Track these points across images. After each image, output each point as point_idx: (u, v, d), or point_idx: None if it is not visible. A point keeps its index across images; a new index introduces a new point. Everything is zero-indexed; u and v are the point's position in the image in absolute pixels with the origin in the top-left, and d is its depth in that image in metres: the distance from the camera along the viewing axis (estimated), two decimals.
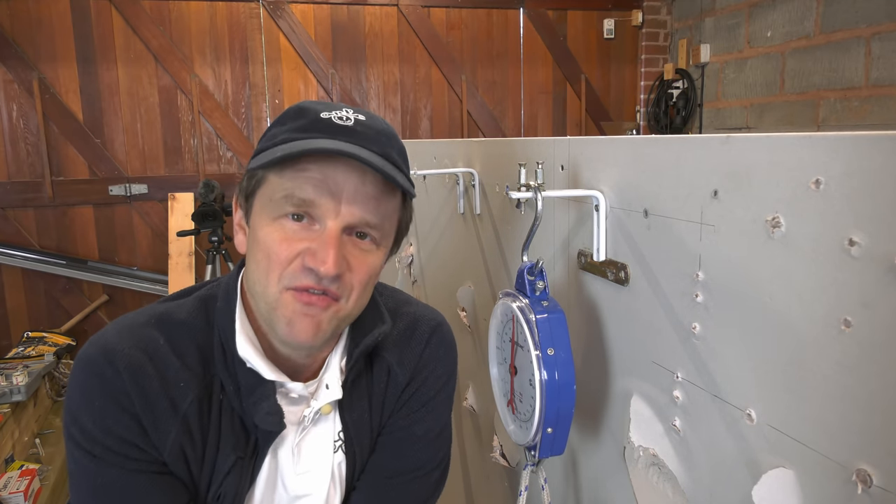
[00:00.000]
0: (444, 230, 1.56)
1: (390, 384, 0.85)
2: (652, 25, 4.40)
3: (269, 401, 0.75)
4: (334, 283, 0.71)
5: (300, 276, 0.70)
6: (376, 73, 4.05)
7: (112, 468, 0.71)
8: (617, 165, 0.80)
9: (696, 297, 0.68)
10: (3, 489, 2.10)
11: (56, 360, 3.00)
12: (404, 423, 0.86)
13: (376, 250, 0.75)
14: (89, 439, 0.71)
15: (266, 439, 0.77)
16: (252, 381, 0.75)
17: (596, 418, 0.91)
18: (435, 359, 0.88)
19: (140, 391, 0.71)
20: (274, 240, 0.70)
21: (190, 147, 3.78)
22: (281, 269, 0.70)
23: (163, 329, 0.76)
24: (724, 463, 0.66)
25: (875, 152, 0.47)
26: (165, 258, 3.59)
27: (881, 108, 2.98)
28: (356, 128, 0.71)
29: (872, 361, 0.49)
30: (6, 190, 3.52)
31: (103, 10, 3.57)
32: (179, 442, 0.73)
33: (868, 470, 0.49)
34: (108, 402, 0.70)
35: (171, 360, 0.74)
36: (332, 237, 0.69)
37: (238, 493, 0.76)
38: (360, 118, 0.73)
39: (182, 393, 0.73)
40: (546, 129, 4.39)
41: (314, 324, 0.71)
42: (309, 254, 0.69)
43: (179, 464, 0.74)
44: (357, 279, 0.73)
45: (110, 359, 0.71)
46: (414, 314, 0.90)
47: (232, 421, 0.76)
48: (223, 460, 0.75)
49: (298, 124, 0.72)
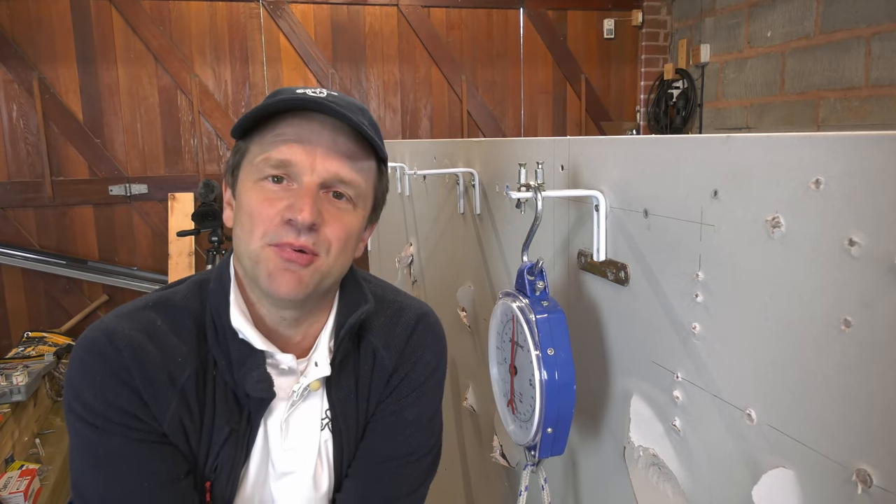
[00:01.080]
0: (444, 230, 1.56)
1: (376, 367, 0.88)
2: (652, 25, 4.40)
3: (258, 370, 0.79)
4: (311, 235, 0.75)
5: (281, 232, 0.74)
6: (376, 73, 4.05)
7: (114, 437, 0.74)
8: (617, 165, 0.80)
9: (696, 297, 0.68)
10: (3, 489, 2.10)
11: (56, 360, 3.00)
12: (395, 408, 0.89)
13: (353, 210, 0.79)
14: (91, 412, 0.73)
15: (258, 410, 0.80)
16: (243, 353, 0.79)
17: (596, 418, 0.91)
18: (422, 345, 0.91)
19: (140, 366, 0.74)
20: (256, 200, 0.75)
21: (190, 147, 3.78)
22: (264, 226, 0.74)
23: (160, 311, 0.80)
24: (724, 463, 0.66)
25: (875, 152, 0.47)
26: (165, 258, 3.59)
27: (881, 108, 2.98)
28: (327, 99, 0.76)
29: (872, 361, 0.49)
30: (6, 190, 3.52)
31: (103, 10, 3.57)
32: (178, 414, 0.76)
33: (868, 470, 0.49)
34: (110, 377, 0.73)
35: (168, 338, 0.78)
36: (308, 189, 0.74)
37: (234, 465, 0.79)
38: (333, 94, 0.78)
39: (180, 367, 0.77)
40: (546, 129, 4.39)
41: (295, 278, 0.75)
42: (287, 208, 0.74)
43: (179, 435, 0.77)
44: (334, 234, 0.77)
45: (111, 339, 0.75)
46: (400, 303, 0.94)
47: (226, 395, 0.80)
48: (218, 433, 0.79)
49: (274, 99, 0.77)
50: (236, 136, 0.81)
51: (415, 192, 1.77)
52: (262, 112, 0.75)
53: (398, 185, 1.88)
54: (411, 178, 1.76)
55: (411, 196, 1.80)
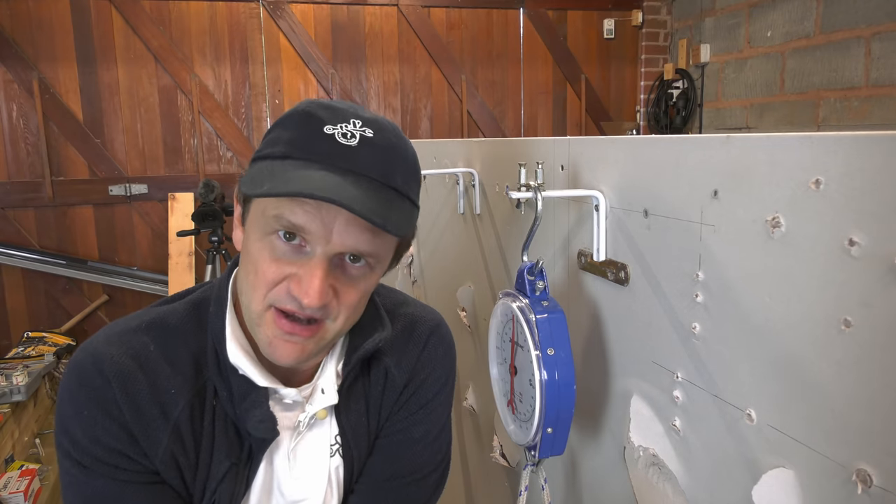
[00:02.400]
0: (444, 230, 1.56)
1: (388, 387, 0.84)
2: (652, 25, 4.40)
3: (261, 408, 0.74)
4: (318, 311, 0.68)
5: (284, 300, 0.68)
6: (376, 73, 4.05)
7: (101, 479, 0.70)
8: (617, 165, 0.80)
9: (696, 297, 0.68)
10: (3, 489, 2.10)
11: (56, 360, 3.00)
12: (402, 426, 0.85)
13: (370, 273, 0.72)
14: (79, 449, 0.70)
15: (260, 446, 0.76)
16: (244, 388, 0.74)
17: (596, 418, 0.91)
18: (433, 360, 0.87)
19: (129, 400, 0.70)
20: (263, 258, 0.68)
21: (190, 147, 3.78)
22: (267, 288, 0.68)
23: (153, 335, 0.74)
24: (724, 463, 0.66)
25: (875, 152, 0.47)
26: (165, 258, 3.59)
27: (881, 108, 2.98)
28: (359, 150, 0.66)
29: (872, 361, 0.49)
30: (6, 190, 3.52)
31: (103, 10, 3.57)
32: (171, 450, 0.72)
33: (868, 470, 0.49)
34: (97, 412, 0.69)
35: (161, 367, 0.73)
36: (318, 266, 0.66)
37: (233, 499, 0.75)
38: (368, 134, 0.67)
39: (173, 400, 0.72)
40: (546, 129, 4.39)
41: (297, 349, 0.70)
42: (295, 280, 0.67)
43: (172, 472, 0.73)
44: (345, 302, 0.70)
45: (99, 367, 0.70)
46: (412, 315, 0.88)
47: (226, 427, 0.75)
48: (217, 467, 0.74)
49: (300, 136, 0.67)
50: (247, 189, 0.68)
51: None
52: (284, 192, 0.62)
53: None
54: None
55: None
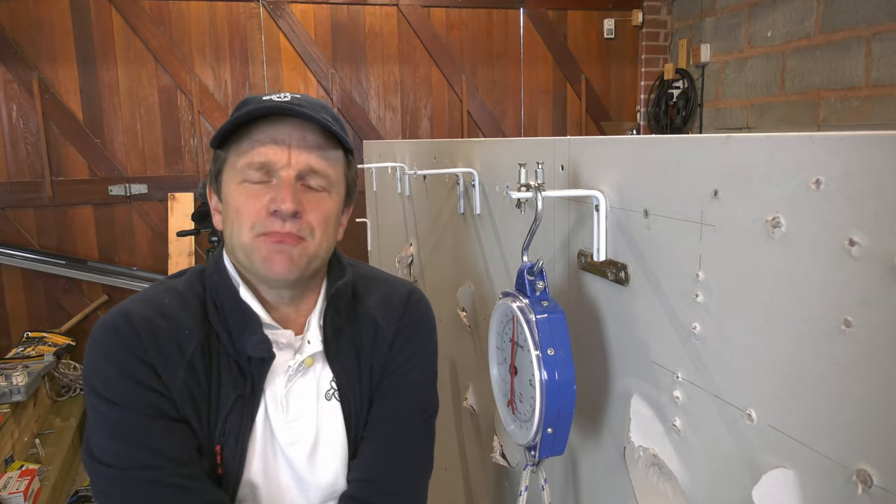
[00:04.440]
0: (444, 230, 1.56)
1: (378, 337, 0.97)
2: (652, 25, 4.40)
3: (256, 333, 0.87)
4: (295, 223, 0.84)
5: (267, 223, 0.84)
6: (376, 73, 4.05)
7: (131, 413, 0.80)
8: (617, 165, 0.80)
9: (696, 297, 0.67)
10: (3, 489, 2.10)
11: (56, 361, 3.01)
12: (401, 372, 0.98)
13: (329, 196, 0.89)
14: (109, 386, 0.81)
15: (260, 373, 0.88)
16: (240, 321, 0.88)
17: (596, 418, 0.91)
18: (418, 312, 1.02)
19: (152, 339, 0.83)
20: (243, 199, 0.85)
21: (190, 147, 3.78)
22: (252, 219, 0.84)
23: (167, 295, 0.89)
24: (724, 463, 0.66)
25: (875, 152, 0.47)
26: (165, 258, 3.60)
27: (881, 108, 2.98)
28: (291, 101, 0.86)
29: (872, 361, 0.49)
30: (6, 190, 3.52)
31: (103, 10, 3.57)
32: (187, 382, 0.84)
33: (868, 470, 0.49)
34: (126, 353, 0.82)
35: (177, 313, 0.87)
36: (287, 182, 0.84)
37: (241, 429, 0.86)
38: (297, 96, 0.88)
39: (188, 339, 0.85)
40: (546, 129, 4.39)
41: (287, 258, 0.85)
42: (271, 200, 0.84)
43: (187, 403, 0.84)
44: (315, 219, 0.86)
45: (127, 318, 0.84)
46: (390, 280, 1.06)
47: (230, 364, 0.87)
48: (225, 399, 0.86)
49: (245, 110, 0.86)
50: (214, 147, 0.90)
51: (415, 192, 1.77)
52: (236, 123, 0.85)
53: (398, 185, 1.88)
54: (411, 178, 1.76)
55: (411, 196, 1.80)
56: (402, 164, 1.82)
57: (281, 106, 0.84)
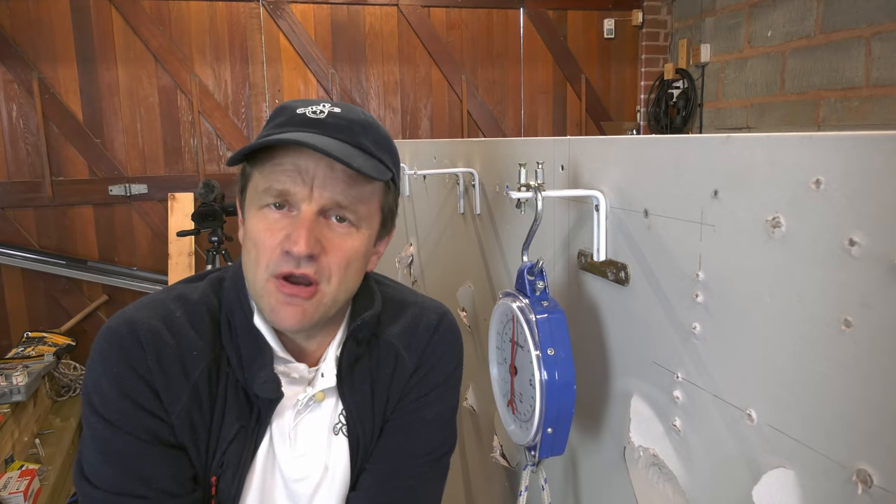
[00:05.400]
0: (444, 230, 1.56)
1: (398, 369, 0.89)
2: (652, 25, 4.40)
3: (266, 370, 0.80)
4: (311, 265, 0.75)
5: (281, 263, 0.75)
6: (376, 73, 4.05)
7: (126, 436, 0.75)
8: (617, 165, 0.80)
9: (696, 297, 0.67)
10: (3, 489, 2.10)
11: (56, 361, 3.00)
12: (414, 408, 0.90)
13: (356, 233, 0.78)
14: (106, 404, 0.75)
15: (267, 409, 0.81)
16: (252, 352, 0.80)
17: (596, 418, 0.91)
18: (444, 344, 0.92)
19: (156, 357, 0.76)
20: (259, 229, 0.76)
21: (190, 147, 3.78)
22: (267, 257, 0.75)
23: (179, 304, 0.82)
24: (724, 463, 0.66)
25: (875, 152, 0.47)
26: (165, 258, 3.59)
27: (881, 108, 2.98)
28: (327, 120, 0.76)
29: (872, 361, 0.49)
30: (6, 190, 3.52)
31: (103, 10, 3.57)
32: (188, 408, 0.78)
33: (868, 470, 0.49)
34: (126, 369, 0.75)
35: (186, 331, 0.79)
36: (305, 220, 0.74)
37: (241, 462, 0.81)
38: (335, 111, 0.78)
39: (194, 362, 0.78)
40: (546, 129, 4.39)
41: (299, 311, 0.76)
42: (286, 238, 0.74)
43: (185, 429, 0.78)
44: (334, 262, 0.76)
45: (131, 328, 0.77)
46: (420, 304, 0.94)
47: (237, 392, 0.81)
48: (228, 429, 0.80)
49: (278, 121, 0.78)
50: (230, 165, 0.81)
51: (415, 192, 1.77)
52: (253, 149, 0.74)
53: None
54: (411, 178, 1.76)
55: (411, 196, 1.80)
56: (403, 164, 1.82)
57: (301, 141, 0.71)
